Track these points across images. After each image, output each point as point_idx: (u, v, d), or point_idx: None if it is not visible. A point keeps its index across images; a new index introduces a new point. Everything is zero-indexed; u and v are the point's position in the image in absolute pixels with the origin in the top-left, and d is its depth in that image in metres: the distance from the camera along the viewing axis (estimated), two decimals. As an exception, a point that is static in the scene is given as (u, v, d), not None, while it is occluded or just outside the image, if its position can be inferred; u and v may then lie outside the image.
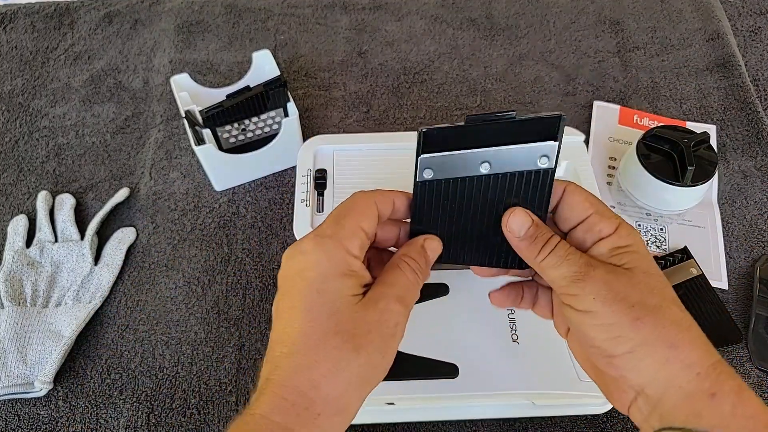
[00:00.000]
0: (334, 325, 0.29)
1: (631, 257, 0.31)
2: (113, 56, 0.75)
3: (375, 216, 0.33)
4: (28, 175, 0.65)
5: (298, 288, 0.30)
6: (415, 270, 0.34)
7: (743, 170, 0.63)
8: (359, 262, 0.32)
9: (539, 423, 0.48)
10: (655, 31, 0.76)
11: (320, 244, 0.31)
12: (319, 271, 0.30)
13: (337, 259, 0.31)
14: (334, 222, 0.32)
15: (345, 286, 0.30)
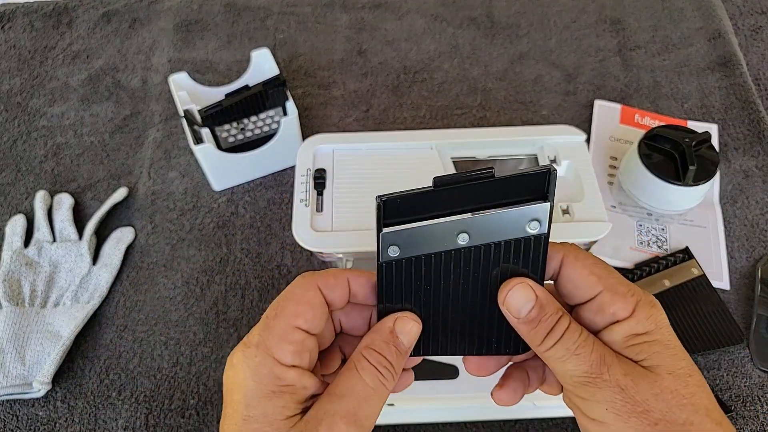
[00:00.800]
0: None
1: (654, 351, 0.25)
2: (112, 55, 0.75)
3: (317, 307, 0.27)
4: (26, 174, 0.64)
5: (227, 414, 0.25)
6: (379, 368, 0.26)
7: (745, 170, 0.63)
8: (296, 371, 0.26)
9: (540, 424, 0.48)
10: (656, 30, 0.76)
11: (245, 357, 0.26)
12: (245, 392, 0.25)
13: (263, 374, 0.25)
14: (262, 325, 0.26)
15: (274, 408, 0.25)
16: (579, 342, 0.26)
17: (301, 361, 0.26)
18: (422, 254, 0.27)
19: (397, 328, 0.27)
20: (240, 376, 0.25)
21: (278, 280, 0.56)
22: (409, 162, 0.51)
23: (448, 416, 0.47)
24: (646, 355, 0.25)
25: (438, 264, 0.27)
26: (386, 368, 0.26)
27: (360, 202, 0.49)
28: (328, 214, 0.48)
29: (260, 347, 0.25)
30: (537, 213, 0.26)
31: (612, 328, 0.26)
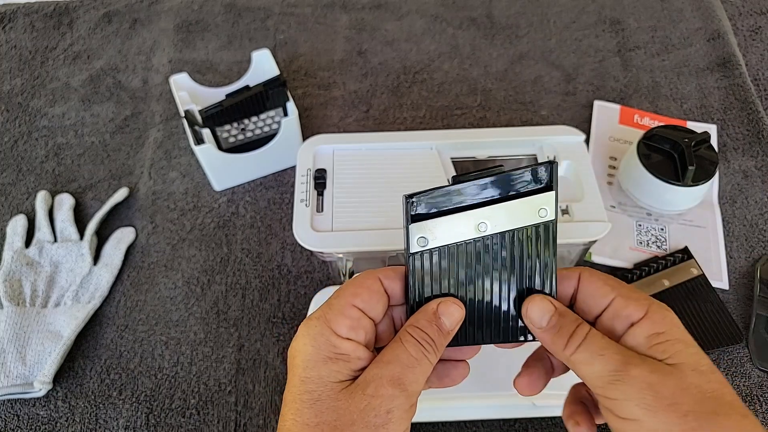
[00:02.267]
0: (314, 417, 0.27)
1: (675, 349, 0.26)
2: (112, 56, 0.75)
3: (375, 292, 0.30)
4: (27, 174, 0.64)
5: (290, 377, 0.29)
6: (422, 342, 0.29)
7: (744, 170, 0.63)
8: (351, 343, 0.28)
9: (540, 423, 0.48)
10: (655, 30, 0.76)
11: (307, 327, 0.29)
12: (304, 357, 0.28)
13: (321, 342, 0.28)
14: (325, 305, 0.30)
15: (329, 371, 0.28)
16: (604, 344, 0.27)
17: (356, 335, 0.29)
18: (446, 244, 0.30)
19: (440, 310, 0.30)
20: (300, 343, 0.28)
21: (278, 280, 0.56)
22: (409, 162, 0.52)
23: (447, 415, 0.47)
24: (670, 354, 0.26)
25: (463, 253, 0.30)
26: (428, 343, 0.29)
27: (360, 202, 0.49)
28: (328, 214, 0.48)
29: (320, 319, 0.29)
30: (545, 201, 0.29)
31: (632, 331, 0.28)
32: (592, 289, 0.30)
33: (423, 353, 0.28)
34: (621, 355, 0.27)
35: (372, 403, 0.27)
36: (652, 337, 0.27)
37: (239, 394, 0.50)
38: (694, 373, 0.26)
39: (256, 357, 0.52)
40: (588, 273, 0.30)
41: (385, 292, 0.30)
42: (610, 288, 0.29)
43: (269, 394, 0.50)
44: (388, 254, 0.48)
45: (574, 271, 0.30)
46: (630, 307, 0.28)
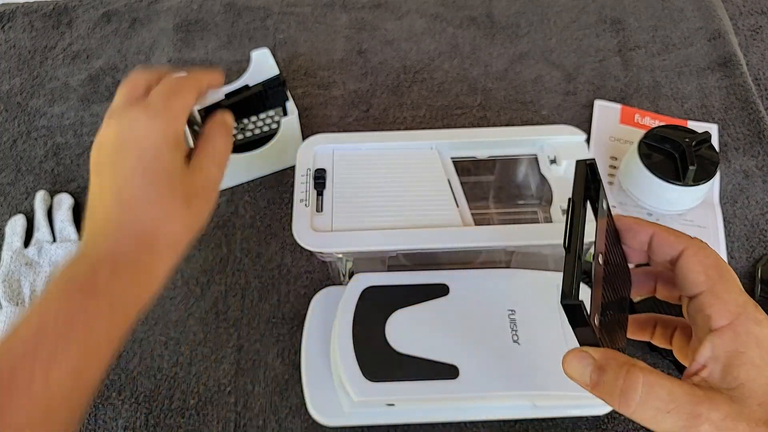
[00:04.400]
0: (170, 187, 0.37)
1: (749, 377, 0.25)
2: (112, 55, 0.75)
3: (197, 97, 0.42)
4: (26, 174, 0.64)
5: (133, 153, 0.37)
6: (226, 137, 0.43)
7: (745, 170, 0.63)
8: (183, 136, 0.40)
9: (540, 424, 0.48)
10: (656, 30, 0.76)
11: (154, 119, 0.37)
12: (153, 142, 0.37)
13: (169, 134, 0.38)
14: (165, 100, 0.39)
15: (176, 157, 0.38)
16: (666, 397, 0.25)
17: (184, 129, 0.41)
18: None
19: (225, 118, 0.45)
20: (148, 130, 0.38)
21: (278, 280, 0.56)
22: (409, 162, 0.51)
23: (447, 416, 0.47)
24: (741, 381, 0.25)
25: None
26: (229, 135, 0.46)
27: (360, 202, 0.49)
28: (328, 213, 0.48)
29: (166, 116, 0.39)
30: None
31: (712, 340, 0.26)
32: (688, 271, 0.28)
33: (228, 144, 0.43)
34: (689, 405, 0.25)
35: (207, 180, 0.40)
36: (731, 355, 0.25)
37: (239, 394, 0.50)
38: (759, 408, 0.24)
39: (255, 357, 0.52)
40: (693, 250, 0.28)
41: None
42: (704, 278, 0.27)
43: (269, 394, 0.50)
44: (388, 254, 0.48)
45: (680, 242, 0.29)
46: (714, 308, 0.26)
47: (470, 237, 0.46)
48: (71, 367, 0.31)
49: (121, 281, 0.34)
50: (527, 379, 0.44)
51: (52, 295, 0.33)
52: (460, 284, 0.48)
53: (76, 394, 0.32)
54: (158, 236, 0.36)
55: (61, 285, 0.33)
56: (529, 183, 0.57)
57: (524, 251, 0.50)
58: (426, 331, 0.45)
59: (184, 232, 0.39)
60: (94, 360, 0.33)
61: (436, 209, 0.48)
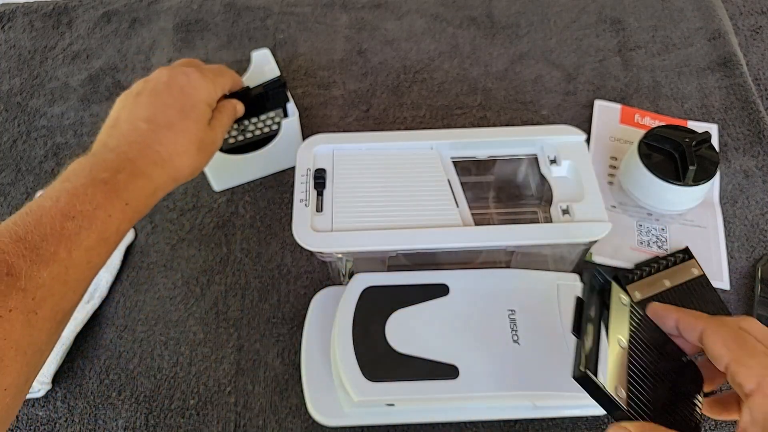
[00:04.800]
0: (194, 131, 0.45)
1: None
2: (111, 55, 0.75)
3: (231, 87, 0.52)
4: (26, 174, 0.64)
5: (178, 93, 0.45)
6: (231, 114, 0.51)
7: (745, 170, 0.63)
8: (214, 104, 0.49)
9: (540, 424, 0.48)
10: (656, 30, 0.76)
11: (204, 79, 0.47)
12: (198, 94, 0.46)
13: (211, 95, 0.47)
14: (219, 74, 0.50)
15: (207, 113, 0.47)
16: None
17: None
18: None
19: (237, 106, 0.54)
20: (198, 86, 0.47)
21: (278, 280, 0.56)
22: (409, 162, 0.51)
23: (448, 416, 0.47)
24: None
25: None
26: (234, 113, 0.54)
27: (360, 202, 0.49)
28: (328, 214, 0.48)
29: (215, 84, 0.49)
30: None
31: (749, 405, 0.27)
32: (711, 350, 0.30)
33: (232, 118, 0.52)
34: None
35: (216, 137, 0.49)
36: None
37: (239, 394, 0.50)
38: None
39: (255, 357, 0.52)
40: (712, 329, 0.30)
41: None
42: (726, 350, 0.29)
43: (269, 394, 0.50)
44: (388, 254, 0.48)
45: (699, 323, 0.31)
46: (741, 375, 0.28)
47: (470, 237, 0.47)
48: (88, 248, 0.37)
49: (136, 186, 0.40)
50: (527, 379, 0.44)
51: (78, 183, 0.38)
52: (460, 284, 0.48)
53: (86, 274, 0.37)
54: (170, 163, 0.43)
55: (84, 176, 0.38)
56: (529, 183, 0.57)
57: (524, 251, 0.50)
58: (426, 331, 0.45)
59: (187, 170, 0.45)
60: (104, 247, 0.38)
61: (436, 209, 0.48)
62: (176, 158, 0.43)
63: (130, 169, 0.40)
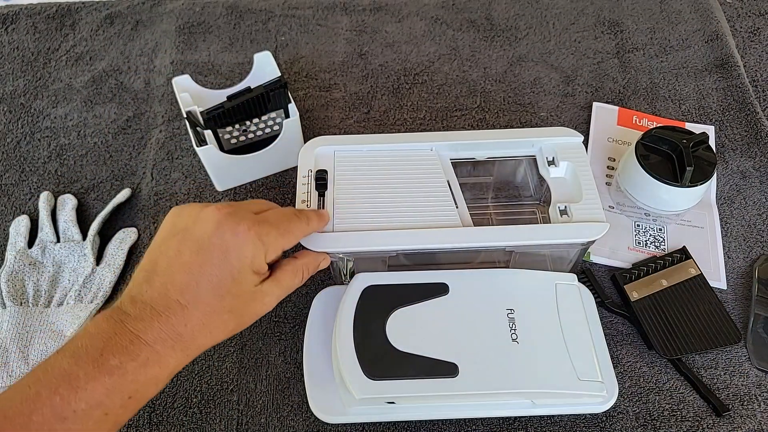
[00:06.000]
0: (230, 306, 0.38)
1: None
2: (115, 57, 0.75)
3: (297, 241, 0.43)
4: (30, 175, 0.65)
5: (217, 261, 0.38)
6: (304, 277, 0.43)
7: (742, 171, 0.63)
8: (266, 266, 0.41)
9: (539, 422, 0.49)
10: (654, 32, 0.76)
11: (254, 243, 0.39)
12: (242, 263, 0.38)
13: (258, 260, 0.39)
14: (276, 230, 0.40)
15: (252, 280, 0.39)
16: None
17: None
18: None
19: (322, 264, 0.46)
20: (244, 248, 0.39)
21: (280, 280, 0.56)
22: (409, 163, 0.52)
23: (447, 414, 0.48)
24: None
25: None
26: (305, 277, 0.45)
27: (361, 203, 0.49)
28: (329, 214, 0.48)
29: (267, 245, 0.40)
30: None
31: None
32: None
33: (300, 283, 0.43)
34: None
35: (263, 308, 0.41)
36: None
37: (241, 392, 0.51)
38: None
39: (258, 356, 0.52)
40: None
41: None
42: None
43: (271, 392, 0.51)
44: (389, 254, 0.49)
45: None
46: None
47: (469, 237, 0.47)
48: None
49: (146, 377, 0.36)
50: (526, 377, 0.44)
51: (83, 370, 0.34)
52: (460, 284, 0.48)
53: None
54: (192, 343, 0.38)
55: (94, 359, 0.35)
56: (527, 184, 0.58)
57: (523, 251, 0.50)
58: (426, 330, 0.46)
59: (212, 344, 0.39)
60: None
61: (435, 210, 0.49)
62: (202, 339, 0.38)
63: (145, 356, 0.35)
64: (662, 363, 0.52)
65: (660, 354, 0.51)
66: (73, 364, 0.34)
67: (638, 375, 0.51)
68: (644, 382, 0.51)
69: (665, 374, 0.51)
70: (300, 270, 0.43)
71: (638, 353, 0.52)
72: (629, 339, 0.53)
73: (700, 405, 0.49)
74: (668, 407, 0.49)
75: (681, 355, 0.51)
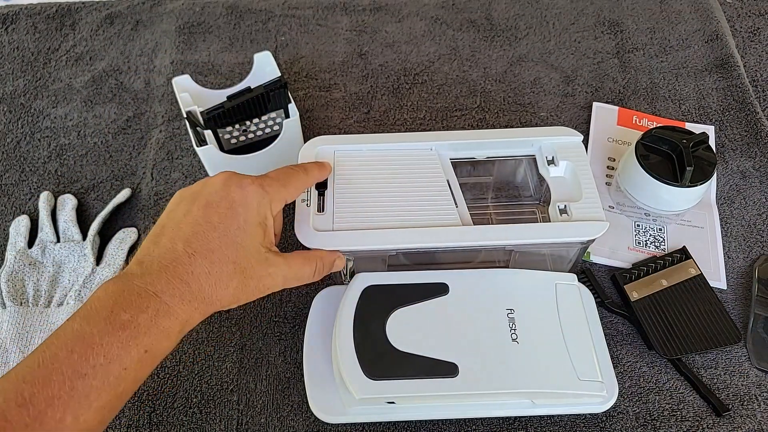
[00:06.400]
0: (234, 256, 0.39)
1: None
2: (115, 57, 0.75)
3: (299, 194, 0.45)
4: (30, 175, 0.65)
5: (223, 211, 0.39)
6: (318, 271, 0.44)
7: (742, 170, 0.63)
8: (272, 219, 0.42)
9: (539, 422, 0.49)
10: (654, 32, 0.76)
11: (258, 192, 0.41)
12: (248, 211, 0.40)
13: (263, 209, 0.41)
14: (277, 182, 0.43)
15: (258, 234, 0.40)
16: None
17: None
18: None
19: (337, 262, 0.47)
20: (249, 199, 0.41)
21: (280, 280, 0.56)
22: (409, 163, 0.52)
23: (447, 414, 0.48)
24: None
25: None
26: (322, 273, 0.46)
27: (361, 203, 0.49)
28: (329, 214, 0.48)
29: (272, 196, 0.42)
30: None
31: None
32: None
33: (316, 277, 0.44)
34: None
35: (270, 282, 0.41)
36: None
37: (241, 393, 0.51)
38: None
39: (258, 356, 0.52)
40: None
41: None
42: None
43: (271, 393, 0.51)
44: (389, 254, 0.49)
45: None
46: None
47: (469, 236, 0.47)
48: (99, 408, 0.34)
49: (158, 329, 0.36)
50: (526, 377, 0.44)
51: (96, 328, 0.35)
52: (460, 283, 0.48)
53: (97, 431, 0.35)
54: (201, 296, 0.38)
55: (104, 318, 0.35)
56: (527, 183, 0.58)
57: (522, 250, 0.50)
58: (426, 330, 0.46)
59: (224, 301, 0.39)
60: (118, 401, 0.36)
61: (435, 209, 0.49)
62: (209, 290, 0.38)
63: (155, 307, 0.36)
64: (662, 363, 0.52)
65: (660, 354, 0.51)
66: (85, 325, 0.35)
67: (638, 375, 0.51)
68: (644, 382, 0.51)
69: (665, 374, 0.51)
70: (312, 260, 0.44)
71: (638, 353, 0.52)
72: (629, 339, 0.53)
73: (700, 405, 0.49)
74: (668, 407, 0.49)
75: (681, 355, 0.51)
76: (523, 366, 0.45)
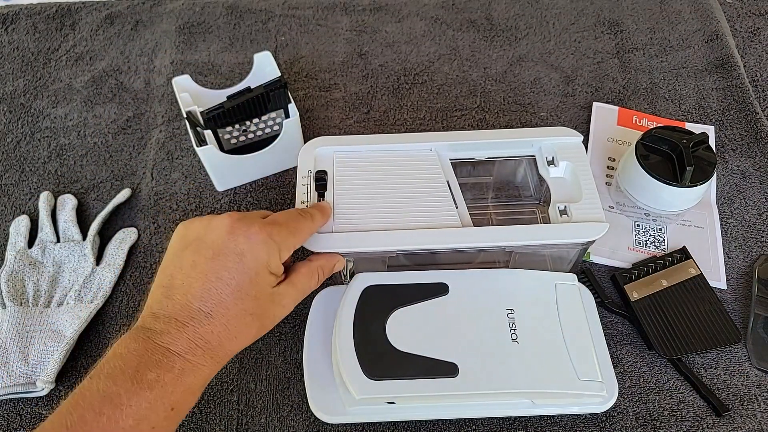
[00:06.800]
0: (251, 308, 0.39)
1: None
2: (115, 57, 0.75)
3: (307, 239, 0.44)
4: (29, 175, 0.65)
5: (233, 265, 0.39)
6: (320, 279, 0.44)
7: (742, 170, 0.63)
8: (282, 266, 0.41)
9: (539, 422, 0.49)
10: (654, 32, 0.76)
11: (267, 243, 0.40)
12: (258, 264, 0.39)
13: (274, 261, 0.40)
14: (286, 229, 0.41)
15: (269, 281, 0.40)
16: None
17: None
18: None
19: (337, 265, 0.47)
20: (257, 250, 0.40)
21: (280, 280, 0.56)
22: (409, 163, 0.52)
23: (447, 414, 0.48)
24: None
25: None
26: (322, 279, 0.46)
27: (360, 203, 0.49)
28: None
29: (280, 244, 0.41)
30: None
31: None
32: None
33: (317, 284, 0.44)
34: None
35: (283, 311, 0.42)
36: None
37: (241, 392, 0.51)
38: None
39: (258, 356, 0.52)
40: None
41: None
42: None
43: (271, 392, 0.51)
44: (389, 254, 0.49)
45: None
46: None
47: (469, 237, 0.47)
48: None
49: (184, 387, 0.36)
50: (526, 377, 0.44)
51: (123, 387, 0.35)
52: (460, 284, 0.48)
53: None
54: (221, 350, 0.39)
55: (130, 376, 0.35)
56: (527, 184, 0.58)
57: (522, 251, 0.50)
58: (426, 330, 0.46)
59: (241, 347, 0.40)
60: None
61: (435, 210, 0.49)
62: (228, 344, 0.39)
63: (180, 366, 0.36)
64: (662, 363, 0.52)
65: (660, 354, 0.51)
66: (111, 385, 0.35)
67: (638, 375, 0.51)
68: (644, 382, 0.51)
69: (665, 374, 0.51)
70: (315, 272, 0.44)
71: (638, 353, 0.52)
72: (629, 339, 0.53)
73: (700, 405, 0.49)
74: (668, 407, 0.49)
75: (681, 355, 0.51)
76: (523, 366, 0.45)
